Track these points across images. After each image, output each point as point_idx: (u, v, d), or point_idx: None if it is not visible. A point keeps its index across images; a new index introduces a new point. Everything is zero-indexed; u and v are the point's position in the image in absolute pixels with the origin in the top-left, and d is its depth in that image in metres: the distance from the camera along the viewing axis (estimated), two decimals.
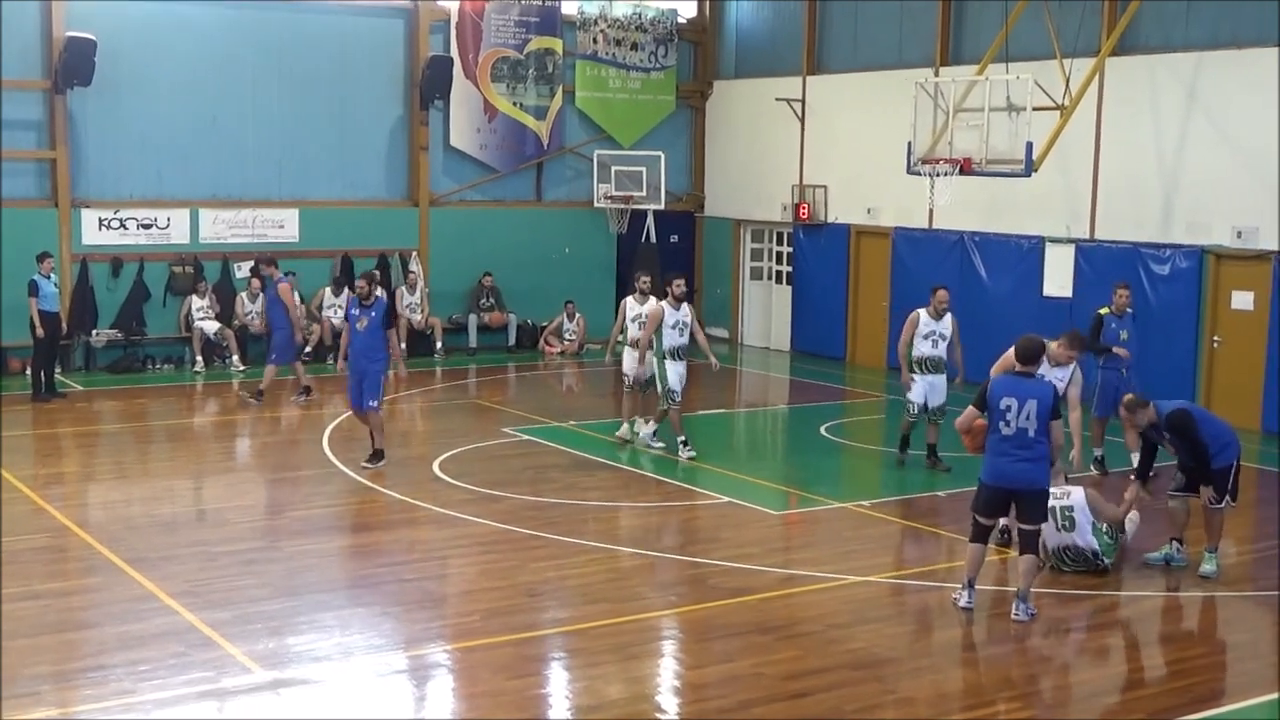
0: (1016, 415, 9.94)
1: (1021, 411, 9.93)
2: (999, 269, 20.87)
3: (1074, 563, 11.17)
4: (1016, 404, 9.95)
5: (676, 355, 15.61)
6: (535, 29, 24.34)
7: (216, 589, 10.55)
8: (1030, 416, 9.91)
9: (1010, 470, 10.03)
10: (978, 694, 8.95)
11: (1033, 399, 9.95)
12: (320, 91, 22.83)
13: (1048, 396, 10.02)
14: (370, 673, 8.98)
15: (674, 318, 15.57)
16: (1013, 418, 9.95)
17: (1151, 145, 18.89)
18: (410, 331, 22.99)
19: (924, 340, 14.87)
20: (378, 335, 14.62)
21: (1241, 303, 18.06)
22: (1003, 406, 10.00)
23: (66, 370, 20.67)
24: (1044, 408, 9.93)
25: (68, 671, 8.81)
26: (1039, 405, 9.92)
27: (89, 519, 12.87)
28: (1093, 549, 11.14)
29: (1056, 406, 10.07)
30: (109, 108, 21.18)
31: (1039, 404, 9.92)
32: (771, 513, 13.45)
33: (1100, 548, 11.17)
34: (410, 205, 23.79)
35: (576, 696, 8.73)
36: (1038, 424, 9.92)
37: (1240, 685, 9.03)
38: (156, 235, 21.65)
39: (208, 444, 16.81)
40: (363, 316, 14.65)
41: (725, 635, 9.80)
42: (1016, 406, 9.95)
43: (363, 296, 14.75)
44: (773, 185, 24.85)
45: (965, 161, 17.74)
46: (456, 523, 12.69)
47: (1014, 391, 10.05)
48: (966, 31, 21.57)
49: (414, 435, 17.61)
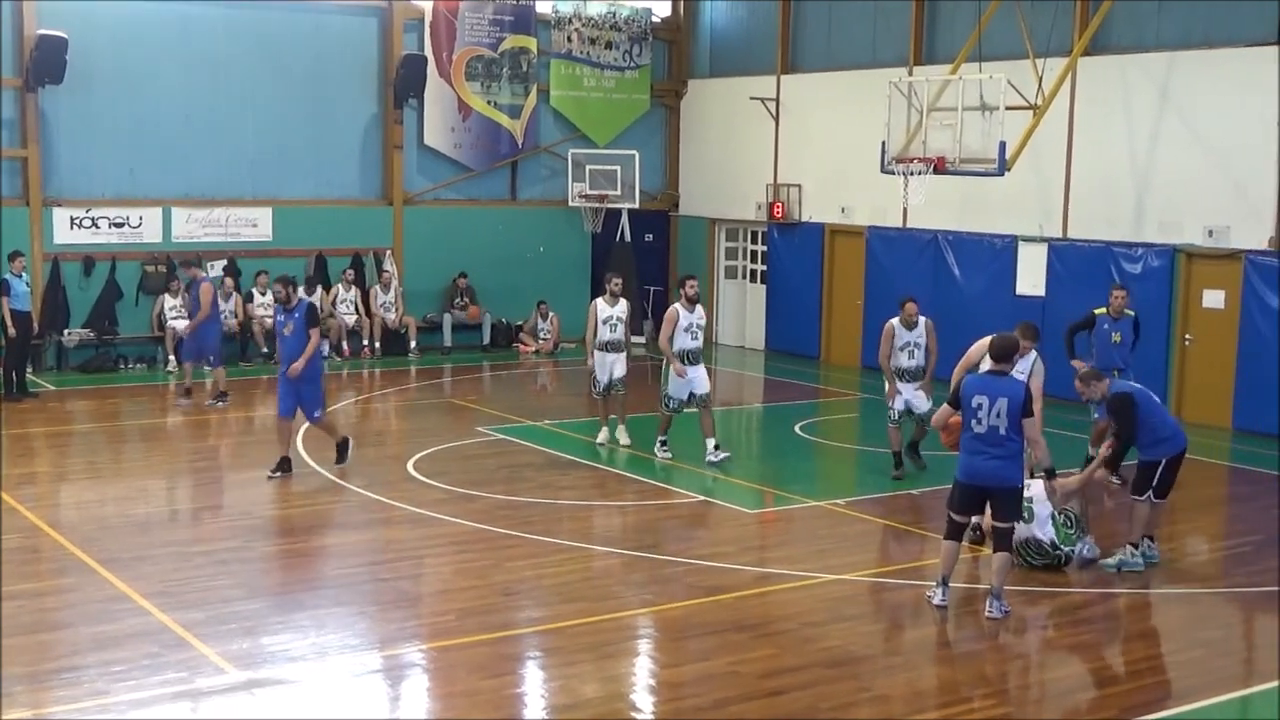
0: (988, 413, 9.99)
1: (993, 409, 9.98)
2: (972, 268, 20.95)
3: (1037, 555, 11.23)
4: (988, 402, 10.01)
5: (689, 359, 15.16)
6: (509, 28, 24.32)
7: (190, 589, 10.51)
8: (1001, 414, 9.96)
9: (983, 468, 10.09)
10: (952, 691, 8.98)
11: (1004, 397, 9.99)
12: (294, 90, 22.76)
13: (1019, 394, 10.05)
14: (345, 673, 8.96)
15: (688, 319, 15.11)
16: (984, 415, 10.00)
17: (1124, 145, 18.99)
18: (385, 331, 22.96)
19: (901, 352, 14.72)
20: (304, 339, 14.14)
21: (1213, 301, 18.19)
22: (974, 404, 10.06)
23: (38, 370, 20.56)
24: (1015, 405, 9.97)
25: (41, 673, 8.75)
26: (1009, 403, 9.96)
27: (61, 519, 12.79)
28: (1050, 539, 11.20)
29: (1028, 404, 10.10)
30: (81, 106, 21.07)
31: (1009, 402, 9.96)
32: (747, 511, 13.47)
33: (1059, 538, 11.22)
34: (384, 204, 23.73)
35: (552, 695, 8.73)
36: (1008, 421, 9.96)
37: (1212, 682, 9.07)
38: (129, 234, 21.55)
39: (181, 444, 16.73)
40: (288, 322, 14.22)
41: (701, 634, 9.81)
42: (988, 404, 10.00)
43: (283, 301, 14.31)
44: (747, 184, 24.89)
45: (939, 161, 17.82)
46: (431, 522, 12.67)
47: (985, 389, 10.10)
48: (940, 31, 21.65)
49: (388, 434, 17.58)
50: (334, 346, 22.45)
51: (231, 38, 22.14)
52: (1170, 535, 12.45)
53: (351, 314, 22.77)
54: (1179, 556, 12.21)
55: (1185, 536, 12.96)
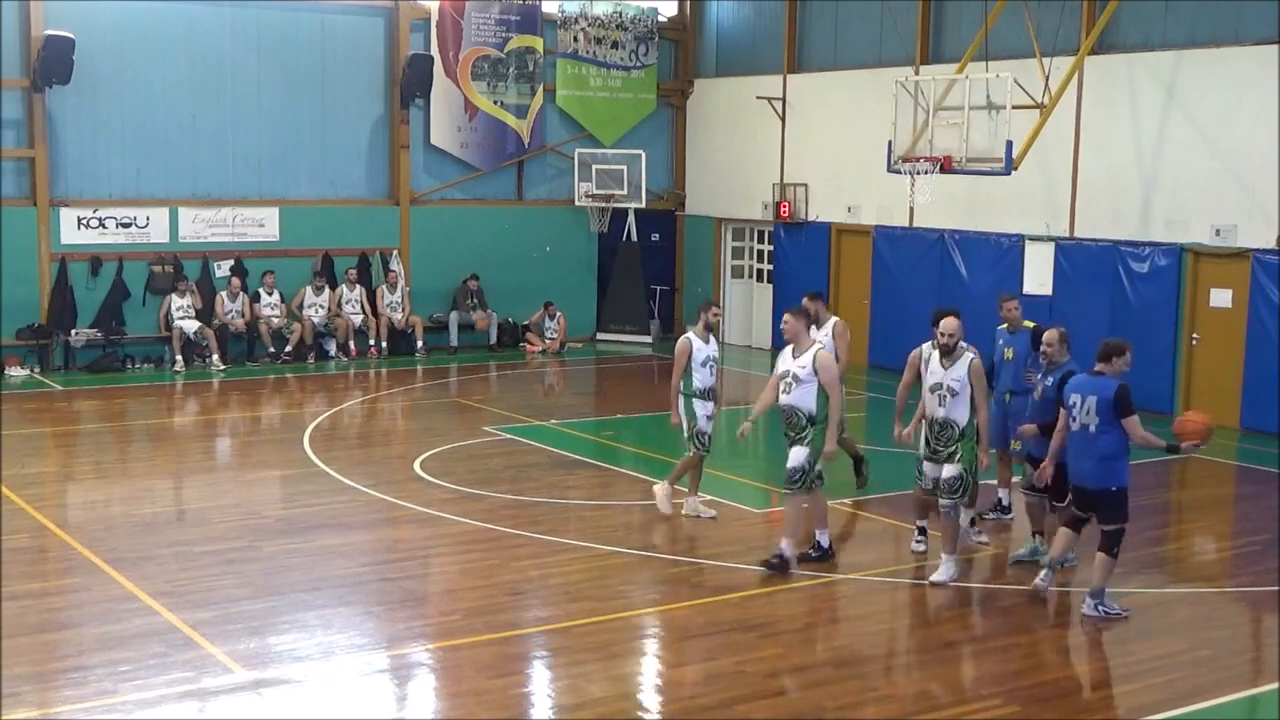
0: (1079, 411, 9.98)
1: (1083, 407, 9.96)
2: (979, 267, 20.91)
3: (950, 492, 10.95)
4: (1079, 399, 10.01)
5: (709, 396, 12.88)
6: (516, 27, 24.32)
7: (197, 589, 10.52)
8: (1090, 412, 9.91)
9: (1078, 469, 10.12)
10: (958, 691, 8.97)
11: (1093, 395, 9.94)
12: (301, 90, 22.77)
13: (1108, 392, 9.89)
14: (352, 672, 8.97)
15: (704, 353, 12.70)
16: (1077, 414, 10.01)
17: (1130, 143, 18.96)
18: (391, 330, 22.96)
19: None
20: None
21: (1220, 300, 18.14)
22: (1070, 403, 10.09)
23: (46, 370, 20.61)
24: (1103, 403, 9.86)
25: (48, 672, 8.77)
26: (1098, 401, 9.88)
27: (69, 519, 12.82)
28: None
29: (1122, 403, 9.86)
30: (87, 106, 21.09)
31: (1098, 400, 9.89)
32: (754, 511, 13.46)
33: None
34: (391, 204, 23.74)
35: (559, 695, 8.73)
36: (1099, 419, 9.88)
37: (1219, 681, 9.06)
38: (136, 234, 21.56)
39: (188, 443, 16.76)
40: None
41: (707, 633, 9.81)
42: (1079, 402, 10.00)
43: None
44: (753, 184, 24.88)
45: (945, 160, 17.80)
46: (438, 522, 12.68)
47: (1080, 388, 10.08)
48: (946, 30, 21.63)
49: (395, 434, 17.60)
50: (340, 346, 22.47)
51: (238, 38, 22.16)
52: (1177, 535, 12.44)
53: (357, 313, 22.77)
54: (1186, 555, 12.20)
55: (1192, 535, 12.95)
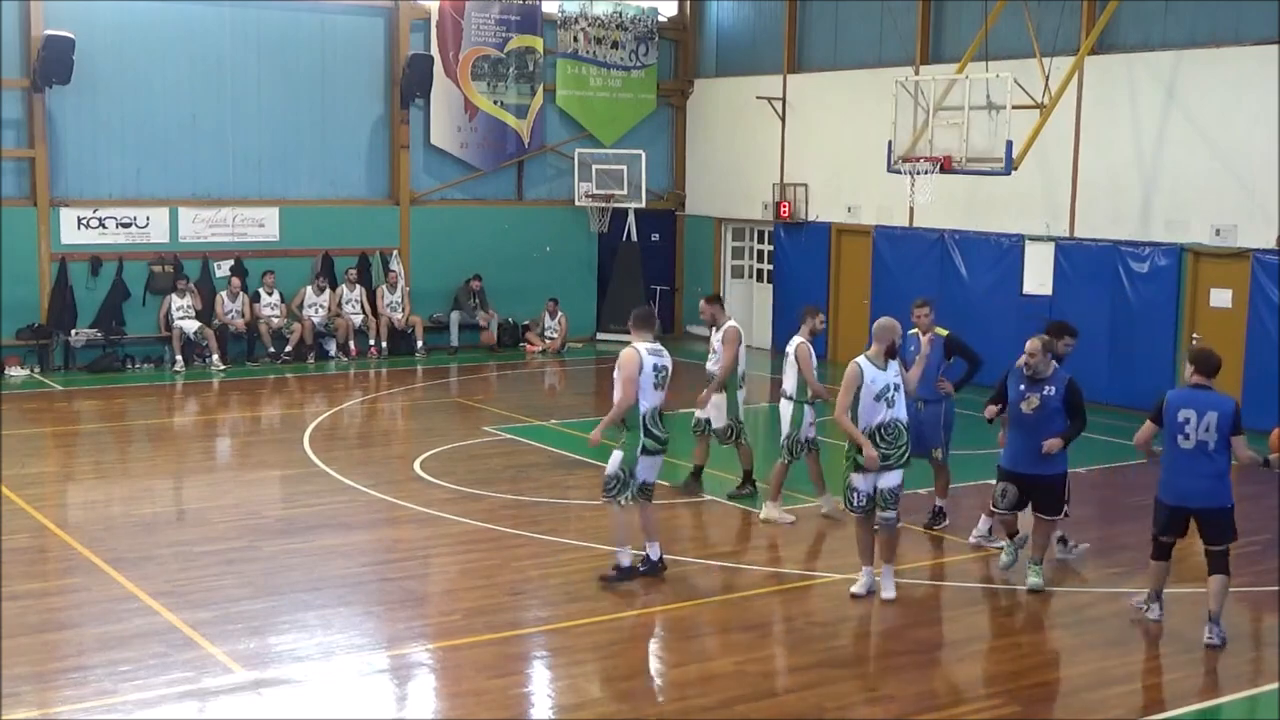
0: (1195, 428, 9.49)
1: (1201, 423, 9.48)
2: (979, 267, 20.92)
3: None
4: (1195, 416, 9.51)
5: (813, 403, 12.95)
6: (516, 27, 24.32)
7: (197, 589, 10.52)
8: (1210, 429, 9.45)
9: (1190, 488, 9.62)
10: (958, 691, 8.97)
11: (1213, 411, 9.49)
12: (300, 90, 22.77)
13: (1229, 409, 9.54)
14: (352, 672, 8.97)
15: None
16: (1192, 430, 9.50)
17: (1130, 143, 18.96)
18: (391, 330, 22.96)
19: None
20: None
21: (1220, 300, 18.14)
22: (1181, 419, 9.54)
23: (46, 370, 20.62)
24: (1225, 420, 9.46)
25: (48, 672, 8.78)
26: (1220, 418, 9.46)
27: (69, 519, 12.82)
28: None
29: (1238, 421, 9.54)
30: (87, 106, 21.09)
31: (1220, 416, 9.47)
32: (753, 511, 13.45)
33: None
34: (391, 204, 23.74)
35: (559, 695, 8.73)
36: (1218, 437, 9.46)
37: (1219, 681, 9.07)
38: (136, 234, 21.57)
39: (188, 443, 16.76)
40: None
41: (707, 633, 9.82)
42: (1195, 419, 9.50)
43: None
44: (753, 184, 24.88)
45: (945, 160, 17.81)
46: (438, 522, 12.68)
47: (1192, 403, 9.56)
48: (946, 30, 21.63)
49: (395, 434, 17.60)
50: (341, 346, 22.47)
51: (238, 38, 22.16)
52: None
53: (357, 314, 22.77)
54: (1186, 555, 12.17)
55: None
